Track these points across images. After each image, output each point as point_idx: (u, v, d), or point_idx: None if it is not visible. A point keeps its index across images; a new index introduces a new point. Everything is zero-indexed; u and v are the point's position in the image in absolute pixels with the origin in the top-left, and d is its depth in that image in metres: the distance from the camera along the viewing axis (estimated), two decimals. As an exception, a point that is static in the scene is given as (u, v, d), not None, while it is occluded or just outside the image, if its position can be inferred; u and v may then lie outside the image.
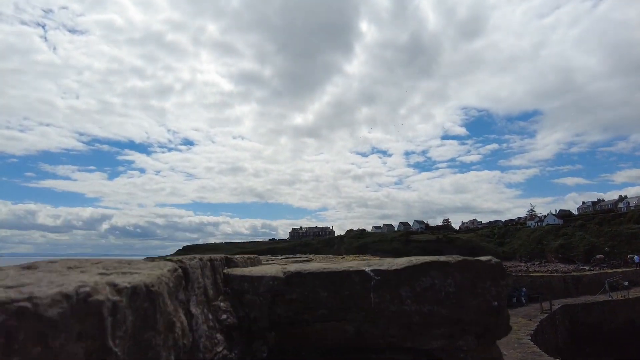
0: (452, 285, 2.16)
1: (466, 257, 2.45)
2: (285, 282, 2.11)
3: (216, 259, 2.26)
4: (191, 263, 1.92)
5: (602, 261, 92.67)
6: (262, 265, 2.65)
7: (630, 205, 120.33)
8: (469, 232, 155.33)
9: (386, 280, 2.11)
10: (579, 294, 27.07)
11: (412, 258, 2.44)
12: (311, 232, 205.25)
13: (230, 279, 2.23)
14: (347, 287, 2.13)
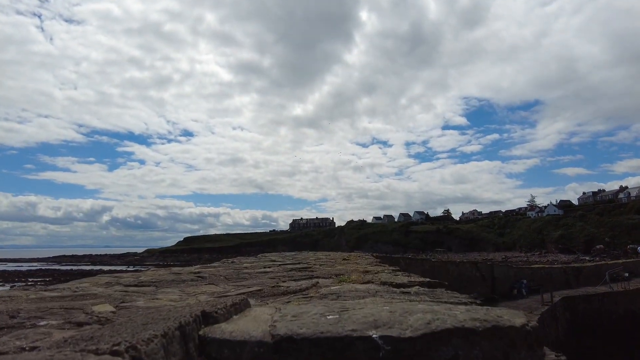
0: (480, 357, 1.70)
1: (497, 321, 1.84)
2: (273, 350, 1.66)
3: (188, 322, 1.67)
4: (148, 349, 1.35)
5: (602, 251, 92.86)
6: (251, 310, 2.03)
7: (631, 196, 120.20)
8: (469, 223, 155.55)
9: (398, 351, 1.66)
10: (579, 285, 27.01)
11: (428, 314, 1.81)
12: (312, 223, 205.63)
13: (207, 343, 1.72)
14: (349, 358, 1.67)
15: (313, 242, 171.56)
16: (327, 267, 3.65)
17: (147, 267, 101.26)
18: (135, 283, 2.96)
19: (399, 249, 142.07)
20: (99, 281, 3.02)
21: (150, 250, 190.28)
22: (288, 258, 4.97)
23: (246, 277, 3.33)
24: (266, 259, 4.88)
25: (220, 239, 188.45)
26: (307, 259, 4.72)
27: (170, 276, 3.25)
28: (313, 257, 4.98)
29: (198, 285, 2.91)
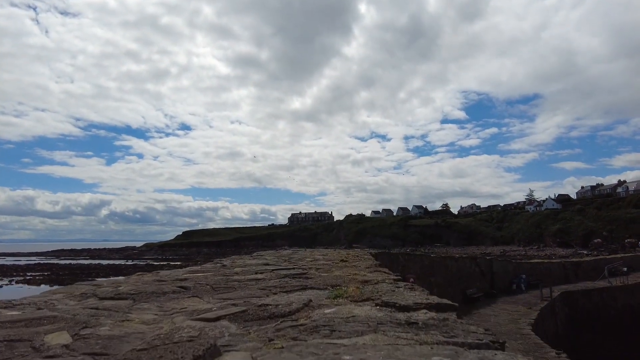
0: None
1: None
2: None
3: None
4: None
5: (600, 245, 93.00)
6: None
7: (629, 190, 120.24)
8: (468, 217, 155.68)
9: None
10: (578, 280, 26.96)
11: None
12: (310, 217, 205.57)
13: None
14: None
15: (312, 236, 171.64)
16: (323, 273, 3.41)
17: (145, 262, 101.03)
18: (112, 295, 2.70)
19: (398, 242, 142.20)
20: (75, 291, 2.78)
21: (149, 244, 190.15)
22: (283, 259, 4.73)
23: (234, 287, 3.06)
24: (260, 261, 4.64)
25: (219, 233, 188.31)
26: (303, 259, 4.48)
27: (153, 286, 2.98)
28: (310, 258, 4.74)
29: (180, 298, 2.64)
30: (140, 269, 79.60)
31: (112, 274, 67.24)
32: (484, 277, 20.59)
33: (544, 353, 9.62)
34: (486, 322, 13.81)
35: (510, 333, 11.95)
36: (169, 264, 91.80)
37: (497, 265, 21.94)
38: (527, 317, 14.41)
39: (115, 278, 3.99)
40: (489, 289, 20.30)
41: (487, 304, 17.53)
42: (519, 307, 17.09)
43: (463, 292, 17.72)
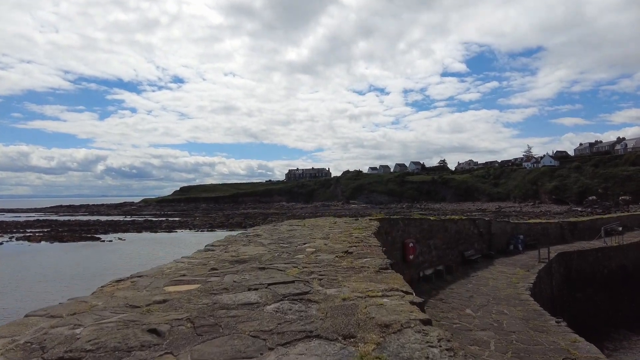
0: None
1: None
2: None
3: None
4: None
5: (594, 203, 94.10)
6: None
7: (627, 147, 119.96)
8: (465, 173, 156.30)
9: None
10: (575, 240, 27.19)
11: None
12: (307, 173, 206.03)
13: None
14: None
15: (309, 192, 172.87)
16: (328, 289, 2.91)
17: (143, 217, 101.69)
18: (63, 354, 2.11)
19: (394, 199, 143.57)
20: (19, 337, 2.22)
21: (147, 200, 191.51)
22: (281, 245, 4.25)
23: (220, 326, 2.39)
24: (254, 252, 4.15)
25: (217, 189, 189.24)
26: (302, 251, 3.93)
27: (117, 333, 2.33)
28: (309, 248, 4.23)
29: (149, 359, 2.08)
30: (139, 225, 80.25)
31: (111, 231, 67.95)
32: (482, 238, 20.60)
33: (544, 321, 9.58)
34: (485, 286, 13.84)
35: (509, 298, 11.95)
36: (167, 219, 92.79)
37: (495, 226, 21.93)
38: (525, 281, 14.43)
39: (81, 299, 3.19)
40: (487, 250, 20.36)
41: (485, 265, 17.60)
42: (517, 269, 17.15)
43: (461, 254, 17.74)
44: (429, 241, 15.06)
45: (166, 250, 41.95)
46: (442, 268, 15.17)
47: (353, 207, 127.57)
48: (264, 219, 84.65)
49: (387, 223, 11.86)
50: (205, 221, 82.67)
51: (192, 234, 63.78)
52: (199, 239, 54.07)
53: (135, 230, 67.69)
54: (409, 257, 12.81)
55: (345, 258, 3.69)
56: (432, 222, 15.43)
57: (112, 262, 35.49)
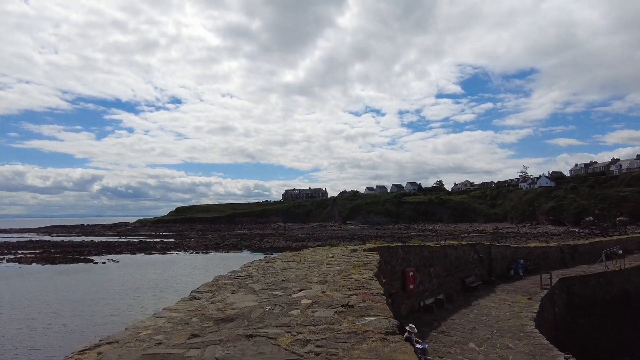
0: None
1: None
2: None
3: None
4: None
5: (591, 224, 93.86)
6: None
7: (622, 168, 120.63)
8: (462, 194, 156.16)
9: None
10: (575, 264, 26.80)
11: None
12: (304, 193, 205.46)
13: None
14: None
15: (306, 213, 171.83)
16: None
17: (138, 238, 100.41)
18: None
19: (391, 219, 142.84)
20: None
21: (143, 220, 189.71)
22: (274, 291, 3.85)
23: None
24: (243, 304, 3.70)
25: (213, 209, 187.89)
26: (296, 303, 3.51)
27: None
28: (304, 294, 3.80)
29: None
30: (133, 247, 79.21)
31: (105, 252, 66.81)
32: (482, 263, 20.18)
33: (552, 357, 9.12)
34: (487, 316, 13.37)
35: (513, 330, 11.49)
36: (162, 240, 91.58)
37: (495, 251, 21.54)
38: (528, 310, 13.98)
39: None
40: (487, 276, 19.92)
41: (486, 293, 17.13)
42: (518, 296, 16.70)
43: (462, 281, 17.29)
44: (429, 269, 14.64)
45: (159, 275, 41.08)
46: (442, 297, 14.70)
47: (350, 228, 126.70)
48: (260, 239, 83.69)
49: (386, 251, 11.49)
50: (201, 242, 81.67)
51: (187, 255, 62.81)
52: (193, 262, 53.15)
53: (130, 252, 66.65)
54: (409, 287, 12.38)
55: (345, 315, 3.23)
56: (432, 249, 15.04)
57: (102, 287, 34.58)
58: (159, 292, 31.64)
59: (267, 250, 65.57)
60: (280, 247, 69.07)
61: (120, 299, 29.13)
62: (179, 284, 35.58)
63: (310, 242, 74.74)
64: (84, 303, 27.92)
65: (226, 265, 48.89)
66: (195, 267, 48.25)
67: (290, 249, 67.64)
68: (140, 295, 30.38)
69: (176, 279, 38.43)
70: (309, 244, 71.25)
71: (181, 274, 41.85)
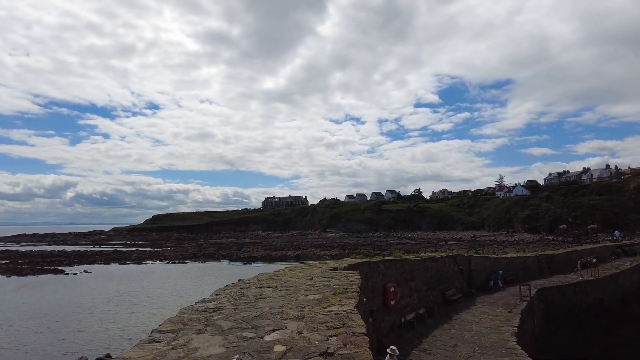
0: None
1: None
2: None
3: None
4: None
5: (565, 231, 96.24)
6: None
7: (593, 178, 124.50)
8: (440, 202, 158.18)
9: None
10: (552, 274, 27.11)
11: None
12: (284, 201, 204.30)
13: None
14: None
15: (286, 221, 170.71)
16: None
17: (113, 248, 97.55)
18: None
19: (371, 227, 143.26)
20: None
21: (118, 228, 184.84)
22: (247, 334, 3.42)
23: None
24: (210, 352, 3.25)
25: (191, 217, 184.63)
26: (270, 348, 3.10)
27: None
28: (280, 349, 3.37)
29: None
30: (107, 256, 76.73)
31: (77, 262, 64.34)
32: (462, 275, 20.09)
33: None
34: (468, 331, 13.16)
35: (495, 347, 11.28)
36: (137, 250, 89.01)
37: (475, 262, 21.51)
38: (509, 324, 13.85)
39: None
40: (467, 288, 19.82)
41: (466, 306, 16.98)
42: (499, 309, 16.61)
43: (442, 294, 17.10)
44: (410, 283, 14.38)
45: (132, 286, 39.67)
46: (423, 311, 14.45)
47: (330, 236, 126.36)
48: (238, 248, 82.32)
49: (367, 267, 11.17)
50: (177, 252, 79.81)
51: (163, 265, 61.15)
52: (169, 272, 51.68)
53: (103, 262, 64.49)
54: (390, 303, 12.06)
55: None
56: (413, 262, 14.80)
57: (71, 300, 33.06)
58: (131, 306, 30.43)
59: (245, 260, 64.47)
60: (259, 257, 68.05)
61: (90, 314, 27.85)
62: (153, 296, 34.40)
63: (290, 251, 73.97)
64: (50, 318, 26.54)
65: (203, 276, 47.64)
66: (171, 278, 46.89)
67: (270, 258, 66.72)
68: (111, 309, 29.14)
69: (150, 291, 37.16)
70: (289, 253, 70.40)
71: (156, 285, 40.53)
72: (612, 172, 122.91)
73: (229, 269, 55.69)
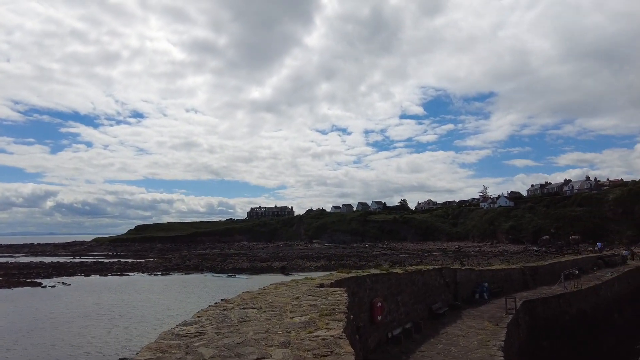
0: None
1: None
2: None
3: None
4: None
5: (547, 242, 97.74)
6: None
7: (574, 189, 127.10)
8: (425, 213, 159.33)
9: None
10: (536, 285, 27.36)
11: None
12: (270, 211, 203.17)
13: None
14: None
15: (271, 232, 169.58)
16: None
17: (94, 259, 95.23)
18: None
19: (357, 238, 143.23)
20: None
21: (99, 239, 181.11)
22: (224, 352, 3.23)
23: None
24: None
25: (174, 228, 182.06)
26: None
27: None
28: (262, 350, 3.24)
29: None
30: (88, 268, 74.76)
31: (55, 274, 62.45)
32: (449, 288, 20.05)
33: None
34: (455, 346, 13.04)
35: (483, 363, 11.17)
36: (119, 261, 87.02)
37: (460, 275, 21.51)
38: (496, 338, 13.78)
39: None
40: (453, 301, 19.78)
41: (453, 319, 16.90)
42: (485, 322, 16.56)
43: (429, 308, 17.00)
44: (397, 297, 14.24)
45: (113, 299, 38.63)
46: (410, 326, 14.29)
47: (316, 247, 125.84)
48: (223, 260, 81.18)
49: (354, 283, 11.00)
50: (160, 263, 78.34)
51: (145, 277, 59.88)
52: (152, 284, 50.54)
53: (83, 274, 62.85)
54: (377, 318, 11.89)
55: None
56: (399, 276, 14.68)
57: (48, 314, 31.95)
58: (111, 320, 29.55)
59: (230, 272, 63.54)
60: (243, 268, 67.17)
61: (67, 329, 26.90)
62: (134, 310, 33.52)
63: (275, 263, 73.27)
64: (24, 334, 25.53)
65: (186, 289, 46.69)
66: (153, 290, 45.86)
67: (255, 269, 65.88)
68: (89, 324, 28.23)
69: (132, 304, 36.23)
70: (274, 265, 69.67)
71: (138, 298, 39.56)
72: (592, 184, 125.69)
73: (213, 281, 54.79)
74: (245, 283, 50.00)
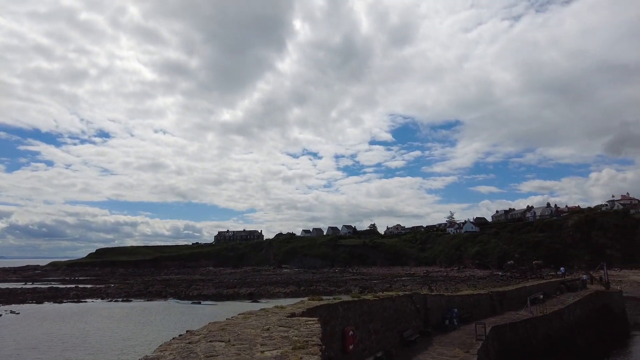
0: None
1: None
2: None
3: None
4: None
5: (512, 267, 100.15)
6: None
7: (536, 215, 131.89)
8: (394, 237, 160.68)
9: None
10: (504, 310, 27.69)
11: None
12: (238, 235, 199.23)
13: None
14: None
15: (239, 256, 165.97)
16: None
17: (48, 284, 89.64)
18: None
19: (327, 262, 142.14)
20: None
21: (56, 262, 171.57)
22: None
23: None
24: None
25: (138, 252, 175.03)
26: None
27: None
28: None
29: None
30: (41, 294, 70.33)
31: (3, 302, 58.09)
32: (419, 314, 19.90)
33: None
34: (428, 375, 12.79)
35: (456, 393, 10.93)
36: (77, 286, 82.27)
37: (430, 301, 21.44)
38: (467, 366, 13.65)
39: None
40: (423, 327, 19.60)
41: (424, 347, 16.68)
42: (456, 349, 16.42)
43: (400, 335, 16.74)
44: (369, 325, 13.93)
45: (67, 329, 36.12)
46: (381, 354, 13.96)
47: (285, 272, 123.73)
48: (187, 286, 78.25)
49: (325, 311, 10.66)
50: (121, 289, 74.64)
51: (104, 304, 56.72)
52: (111, 312, 47.83)
53: (35, 301, 58.79)
54: (349, 348, 11.52)
55: None
56: (371, 303, 14.42)
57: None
58: (63, 352, 27.50)
59: (194, 298, 61.16)
60: (209, 295, 64.87)
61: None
62: (90, 340, 31.42)
63: (242, 289, 71.24)
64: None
65: (148, 317, 44.40)
66: (112, 318, 43.37)
67: (221, 296, 63.71)
68: (38, 357, 26.16)
69: (88, 333, 34.00)
70: (241, 291, 67.70)
71: (95, 327, 37.22)
72: (553, 210, 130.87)
73: (177, 308, 52.52)
74: (211, 310, 48.15)
